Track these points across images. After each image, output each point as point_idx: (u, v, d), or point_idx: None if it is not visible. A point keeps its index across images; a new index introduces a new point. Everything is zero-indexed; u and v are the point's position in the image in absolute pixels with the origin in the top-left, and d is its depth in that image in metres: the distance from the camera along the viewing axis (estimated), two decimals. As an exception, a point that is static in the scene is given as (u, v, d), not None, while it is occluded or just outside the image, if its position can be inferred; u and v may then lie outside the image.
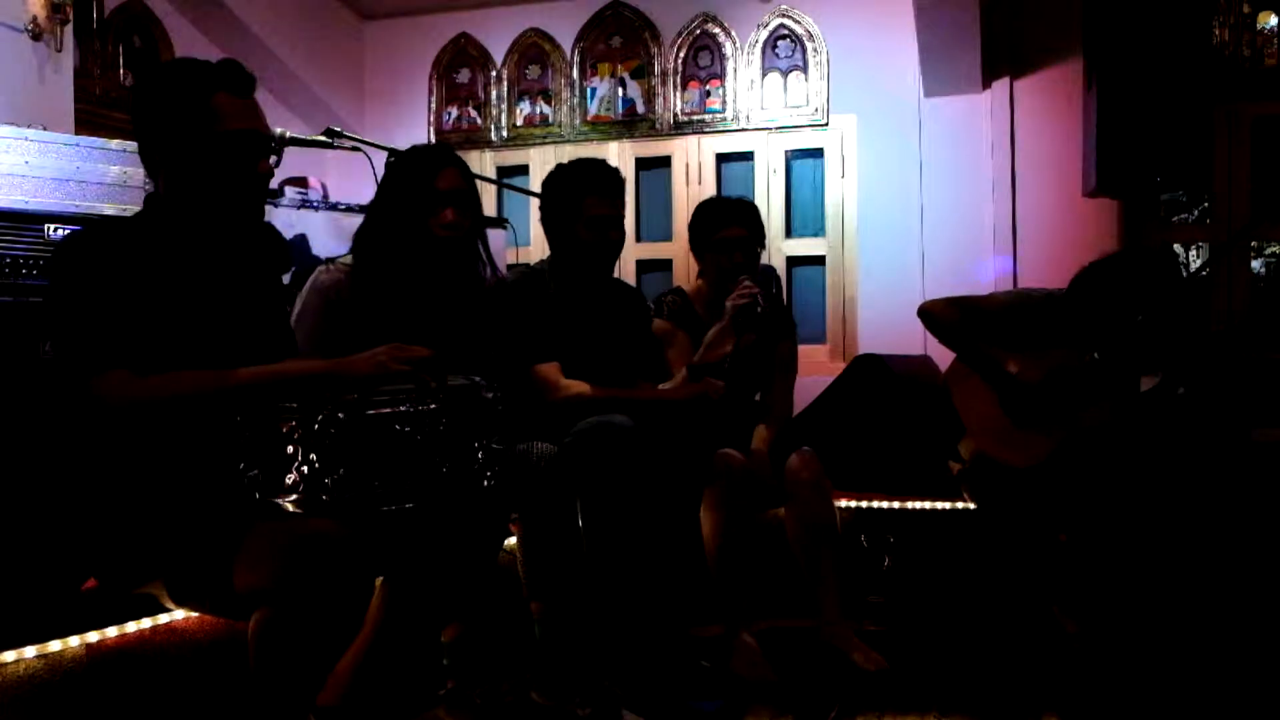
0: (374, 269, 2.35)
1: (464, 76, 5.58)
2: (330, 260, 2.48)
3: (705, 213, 3.13)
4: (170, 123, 1.83)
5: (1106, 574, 3.04)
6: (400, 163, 2.47)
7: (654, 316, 3.11)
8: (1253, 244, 4.73)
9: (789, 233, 5.09)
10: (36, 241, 2.50)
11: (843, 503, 3.39)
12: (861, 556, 3.42)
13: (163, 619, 2.16)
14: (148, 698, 2.13)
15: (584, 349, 2.78)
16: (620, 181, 2.79)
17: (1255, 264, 4.89)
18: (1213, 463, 3.13)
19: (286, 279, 2.35)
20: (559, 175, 2.83)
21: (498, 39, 5.50)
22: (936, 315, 3.15)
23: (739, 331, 2.87)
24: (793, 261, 5.08)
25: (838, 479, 3.08)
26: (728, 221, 3.06)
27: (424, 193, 2.36)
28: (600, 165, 2.83)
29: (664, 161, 5.28)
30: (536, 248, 4.12)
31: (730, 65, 5.14)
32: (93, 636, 2.05)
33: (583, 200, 2.75)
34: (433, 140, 5.43)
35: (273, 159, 1.92)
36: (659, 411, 2.77)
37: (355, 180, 2.49)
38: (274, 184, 2.26)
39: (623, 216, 2.80)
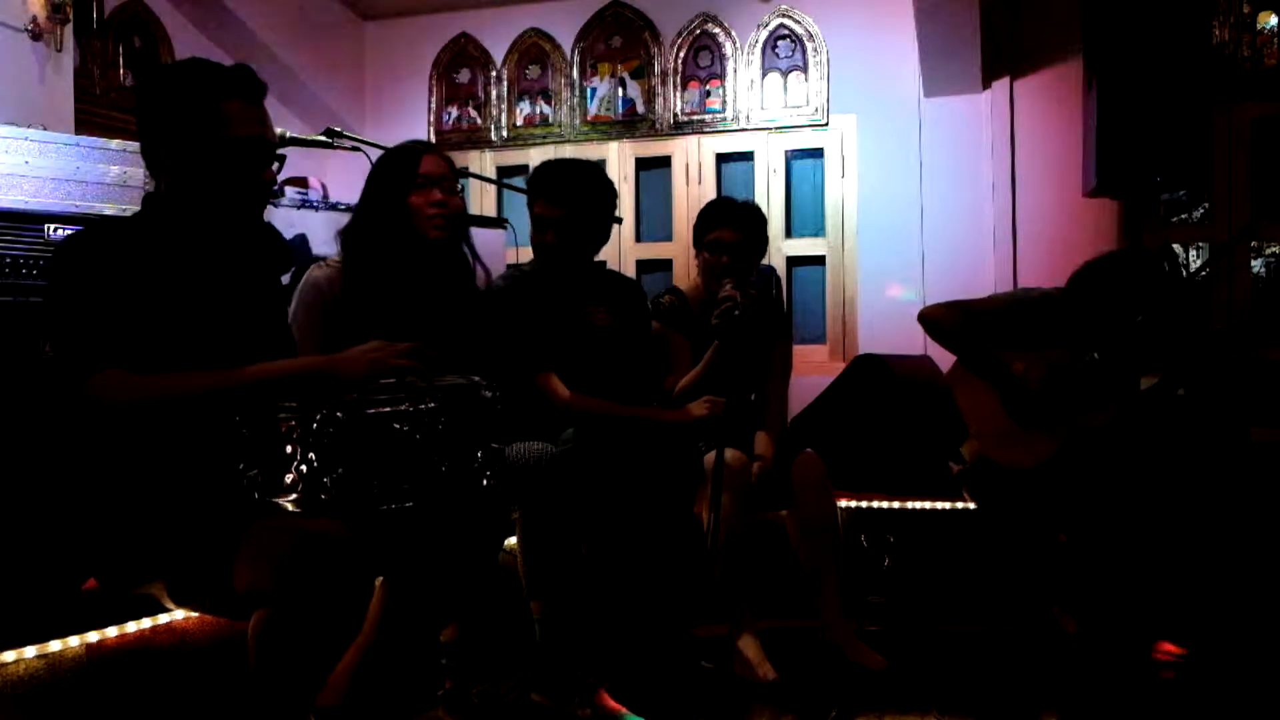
0: (364, 265, 2.35)
1: (464, 76, 5.58)
2: (323, 258, 2.48)
3: (704, 212, 3.15)
4: (178, 124, 1.82)
5: (1106, 574, 3.04)
6: (382, 157, 2.48)
7: (651, 318, 3.10)
8: (1253, 244, 4.73)
9: (789, 233, 5.09)
10: (36, 241, 2.50)
11: (843, 503, 3.38)
12: (861, 556, 3.42)
13: (163, 619, 2.16)
14: (148, 698, 2.13)
15: (584, 348, 2.78)
16: (566, 186, 2.76)
17: (1255, 264, 4.88)
18: (1212, 463, 3.13)
19: (286, 279, 2.35)
20: (531, 176, 2.87)
21: (498, 39, 5.50)
22: (937, 320, 3.14)
23: (727, 343, 2.87)
24: (793, 261, 5.08)
25: (838, 479, 3.08)
26: (720, 223, 3.07)
27: (408, 177, 2.37)
28: (552, 169, 2.84)
29: (664, 161, 5.28)
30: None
31: (730, 65, 5.14)
32: (93, 636, 2.05)
33: (532, 201, 2.80)
34: (433, 140, 5.43)
35: (275, 166, 1.92)
36: (664, 431, 2.79)
37: (355, 180, 2.48)
38: (272, 190, 2.25)
39: (566, 219, 2.75)
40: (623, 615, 2.81)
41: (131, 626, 2.11)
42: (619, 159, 5.30)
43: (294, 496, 1.68)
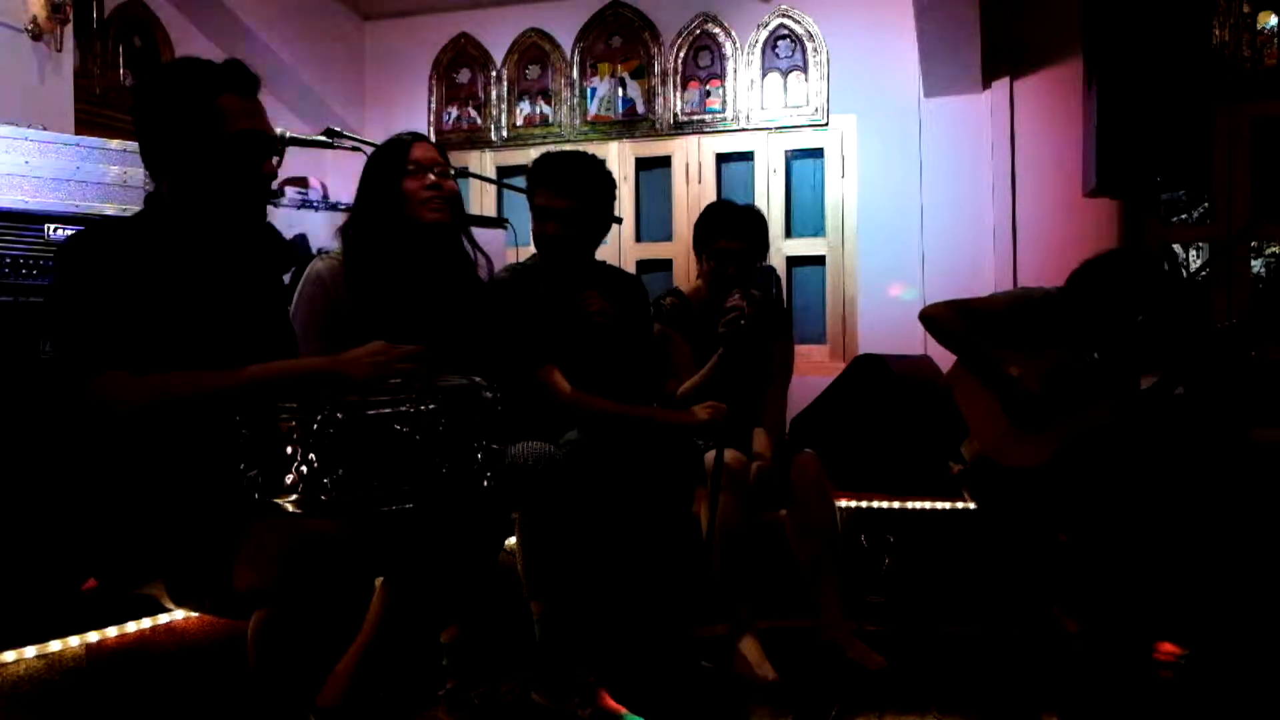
0: (365, 256, 2.35)
1: (464, 76, 5.58)
2: (325, 251, 2.48)
3: (710, 217, 3.13)
4: (175, 124, 1.82)
5: (1106, 574, 3.04)
6: (375, 152, 2.48)
7: (652, 320, 3.10)
8: (1253, 244, 4.73)
9: (789, 233, 5.09)
10: (36, 241, 2.50)
11: (843, 503, 3.38)
12: (861, 556, 3.42)
13: (163, 619, 2.16)
14: (148, 698, 2.13)
15: (584, 343, 2.78)
16: (568, 176, 2.75)
17: (1255, 264, 4.89)
18: (1212, 463, 3.13)
19: (286, 279, 2.35)
20: (531, 167, 2.87)
21: (498, 39, 5.51)
22: (938, 320, 3.15)
23: (733, 351, 2.88)
24: (793, 261, 5.08)
25: (838, 479, 3.08)
26: (727, 232, 3.06)
27: (399, 164, 2.37)
28: (553, 159, 2.82)
29: (664, 161, 5.28)
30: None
31: (730, 65, 5.14)
32: (93, 636, 2.05)
33: (534, 191, 2.79)
34: (433, 140, 5.43)
35: (275, 159, 1.92)
36: (663, 431, 2.79)
37: (355, 180, 2.49)
38: (274, 184, 2.26)
39: (569, 210, 2.75)
40: (623, 615, 2.81)
41: (131, 626, 2.11)
42: (619, 159, 5.30)
43: (294, 497, 1.68)
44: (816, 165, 5.07)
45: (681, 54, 5.22)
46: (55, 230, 2.52)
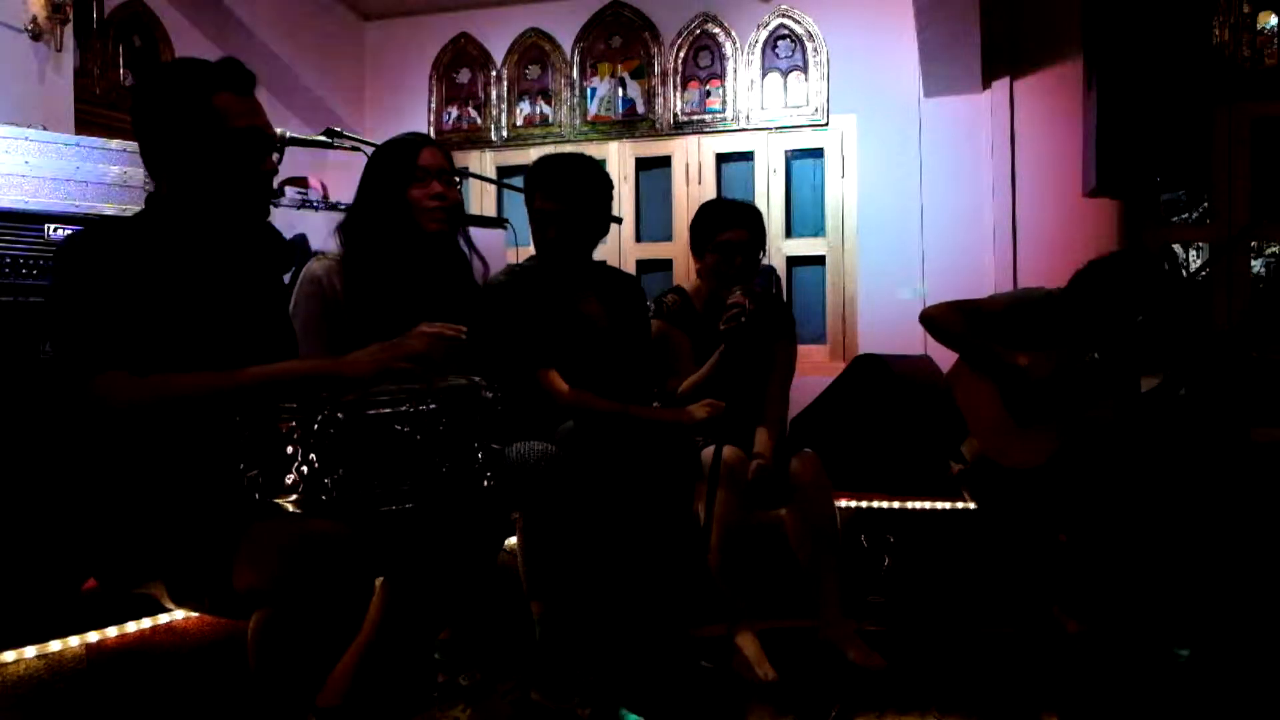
0: (363, 258, 2.35)
1: (464, 76, 5.58)
2: (321, 253, 2.48)
3: (708, 213, 3.13)
4: (173, 124, 1.82)
5: (1106, 574, 3.04)
6: (381, 149, 2.47)
7: (654, 317, 3.10)
8: (1253, 244, 4.73)
9: (789, 233, 5.09)
10: (36, 241, 2.50)
11: (843, 503, 3.38)
12: (861, 556, 3.42)
13: (163, 619, 2.16)
14: (148, 698, 2.14)
15: (580, 344, 2.78)
16: (565, 180, 2.78)
17: (1255, 264, 4.89)
18: (1213, 463, 3.13)
19: (286, 279, 2.35)
20: (529, 171, 2.89)
21: (498, 39, 5.51)
22: (939, 320, 3.15)
23: (734, 348, 2.88)
24: (793, 261, 5.08)
25: (838, 479, 3.08)
26: (730, 224, 3.06)
27: (407, 170, 2.36)
28: (550, 163, 2.85)
29: (664, 161, 5.29)
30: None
31: (730, 65, 5.14)
32: (93, 636, 2.05)
33: (531, 195, 2.81)
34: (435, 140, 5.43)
35: (275, 156, 1.92)
36: (662, 430, 2.80)
37: (355, 180, 2.49)
38: (274, 183, 2.25)
39: (567, 213, 2.77)
40: (622, 615, 2.81)
41: (131, 626, 2.12)
42: (619, 159, 5.30)
43: (295, 497, 1.69)
44: (816, 165, 5.07)
45: (681, 54, 5.23)
46: (55, 230, 2.52)
